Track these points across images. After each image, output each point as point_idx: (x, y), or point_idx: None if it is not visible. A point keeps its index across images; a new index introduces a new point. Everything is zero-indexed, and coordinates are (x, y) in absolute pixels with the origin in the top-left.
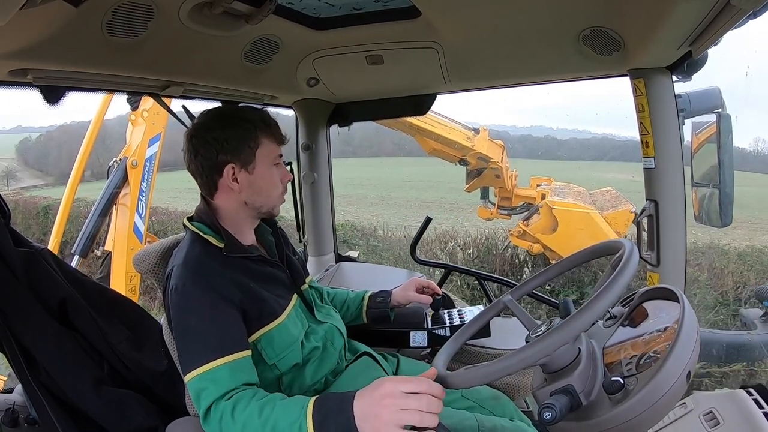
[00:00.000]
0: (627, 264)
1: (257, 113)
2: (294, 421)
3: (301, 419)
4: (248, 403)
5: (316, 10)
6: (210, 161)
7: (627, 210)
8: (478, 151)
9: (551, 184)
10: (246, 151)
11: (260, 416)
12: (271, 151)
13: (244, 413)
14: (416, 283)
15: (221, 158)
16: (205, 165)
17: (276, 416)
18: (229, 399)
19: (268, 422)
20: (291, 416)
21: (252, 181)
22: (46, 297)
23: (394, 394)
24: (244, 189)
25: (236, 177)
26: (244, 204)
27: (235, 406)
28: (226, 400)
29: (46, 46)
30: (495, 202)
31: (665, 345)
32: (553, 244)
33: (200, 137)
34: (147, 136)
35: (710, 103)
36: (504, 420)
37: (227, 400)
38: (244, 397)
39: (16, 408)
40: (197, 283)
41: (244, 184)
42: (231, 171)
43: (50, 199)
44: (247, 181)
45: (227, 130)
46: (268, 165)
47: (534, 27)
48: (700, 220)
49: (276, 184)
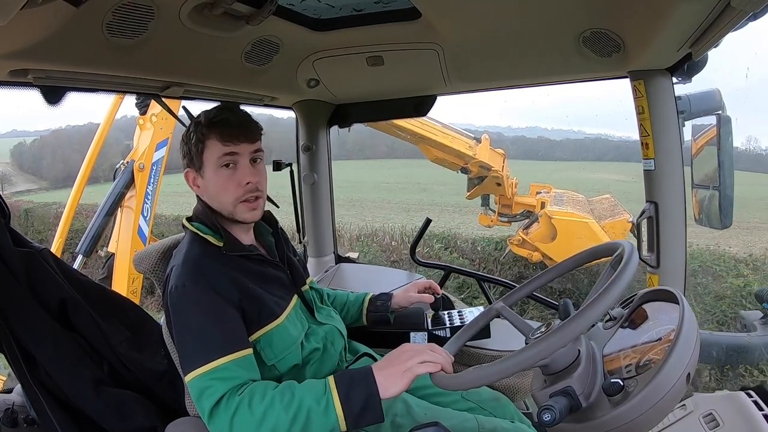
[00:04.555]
0: (627, 265)
1: (208, 113)
2: (320, 396)
3: (327, 394)
4: (264, 392)
5: (317, 11)
6: (182, 165)
7: (625, 219)
8: (479, 160)
9: (550, 191)
10: (196, 154)
11: (282, 401)
12: (215, 152)
13: (263, 403)
14: (418, 285)
15: (184, 163)
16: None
17: (300, 397)
18: (242, 393)
19: (291, 405)
20: (315, 394)
21: (206, 186)
22: (46, 297)
23: (405, 349)
24: (203, 193)
25: (196, 182)
26: (212, 208)
27: (251, 397)
28: (239, 395)
29: (47, 47)
30: (495, 209)
31: (665, 347)
32: (552, 252)
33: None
34: (155, 140)
35: (710, 104)
36: (504, 421)
37: (240, 394)
38: (258, 388)
39: (16, 408)
40: (197, 283)
41: (202, 188)
42: (190, 176)
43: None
44: (203, 186)
45: (185, 134)
46: (214, 167)
47: (534, 29)
48: (701, 221)
49: (225, 186)
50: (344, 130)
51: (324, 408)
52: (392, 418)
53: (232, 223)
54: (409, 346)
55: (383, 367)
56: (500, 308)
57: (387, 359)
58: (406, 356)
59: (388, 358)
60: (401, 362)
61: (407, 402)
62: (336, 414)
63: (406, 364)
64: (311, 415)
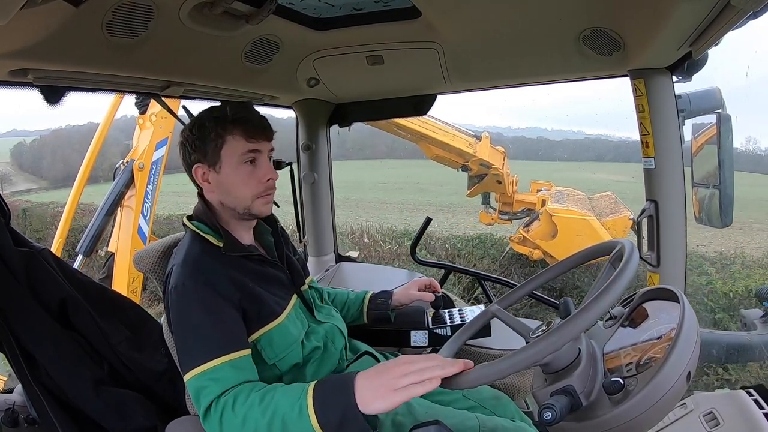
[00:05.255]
0: (627, 264)
1: (227, 109)
2: (294, 402)
3: (301, 400)
4: (248, 395)
5: (317, 10)
6: (186, 162)
7: (625, 216)
8: (480, 158)
9: (551, 189)
10: (212, 149)
11: (261, 404)
12: (238, 148)
13: (245, 405)
14: (418, 283)
15: (192, 158)
16: (184, 165)
17: (276, 401)
18: (228, 395)
19: (268, 408)
20: (291, 398)
21: (220, 181)
22: (46, 297)
23: (393, 364)
24: (215, 189)
25: (207, 177)
26: (221, 204)
27: (235, 399)
28: (225, 396)
29: (47, 46)
30: (496, 207)
31: (665, 346)
32: (553, 250)
33: (181, 138)
34: (154, 139)
35: (710, 103)
36: (505, 420)
37: (226, 396)
38: (243, 390)
39: (16, 408)
40: (197, 282)
41: (214, 184)
42: (199, 171)
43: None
44: (216, 182)
45: (195, 130)
46: (235, 163)
47: (534, 27)
48: (701, 220)
49: (246, 182)
50: (343, 130)
51: (297, 414)
52: (393, 416)
53: (236, 221)
54: (406, 359)
55: (370, 378)
56: (496, 311)
57: (377, 370)
58: (400, 371)
59: (379, 369)
60: (394, 377)
61: (408, 401)
62: (310, 421)
63: (400, 382)
64: (286, 420)
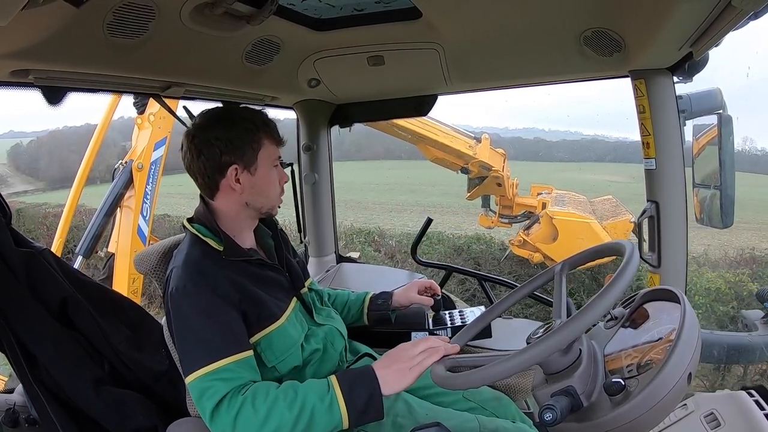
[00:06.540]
0: (627, 265)
1: (258, 114)
2: (324, 394)
3: (331, 392)
4: (267, 392)
5: (318, 11)
6: (213, 162)
7: (626, 219)
8: (479, 160)
9: (551, 192)
10: (249, 152)
11: (285, 399)
12: (272, 153)
13: (267, 402)
14: (418, 285)
15: (225, 159)
16: (207, 166)
17: (303, 396)
18: (245, 392)
19: (295, 404)
20: (319, 392)
21: (254, 183)
22: (46, 297)
23: (401, 349)
24: (246, 190)
25: (239, 178)
26: (245, 205)
27: (255, 397)
28: (241, 394)
29: (48, 47)
30: (496, 210)
31: (666, 347)
32: (553, 253)
33: (203, 138)
34: (153, 139)
35: (711, 104)
36: (506, 421)
37: (243, 393)
38: (261, 387)
39: (17, 408)
40: (197, 284)
41: (246, 185)
42: (234, 172)
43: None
44: (249, 183)
45: (231, 131)
46: (268, 166)
47: (535, 28)
48: (702, 221)
49: (275, 185)
50: (343, 131)
51: (328, 405)
52: (393, 418)
53: (246, 223)
54: (408, 344)
55: (386, 365)
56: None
57: (389, 357)
58: (408, 353)
59: (390, 356)
60: (407, 358)
61: (409, 402)
62: (340, 411)
63: (412, 360)
64: (315, 413)
